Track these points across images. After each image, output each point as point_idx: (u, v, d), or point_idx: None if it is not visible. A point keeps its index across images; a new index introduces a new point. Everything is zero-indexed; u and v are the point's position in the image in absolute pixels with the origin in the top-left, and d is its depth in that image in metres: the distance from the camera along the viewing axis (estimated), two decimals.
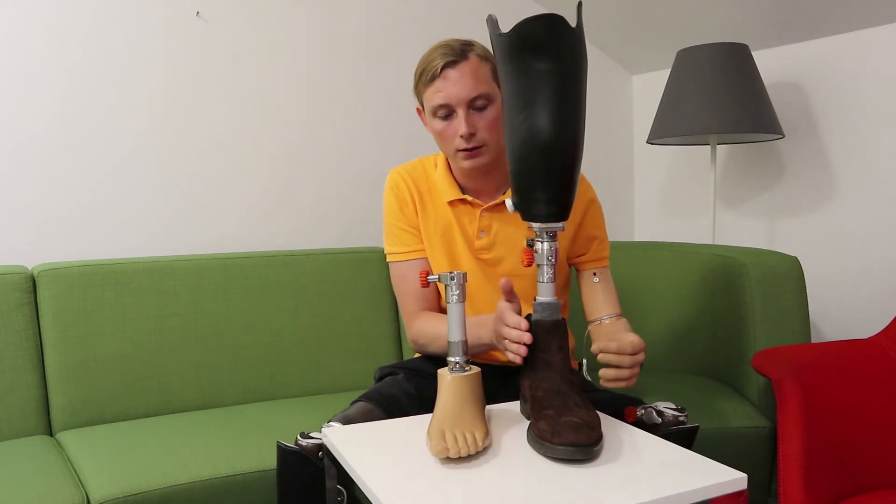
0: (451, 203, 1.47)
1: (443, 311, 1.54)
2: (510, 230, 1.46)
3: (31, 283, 1.77)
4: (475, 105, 1.36)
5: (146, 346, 1.83)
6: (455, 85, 1.34)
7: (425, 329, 1.46)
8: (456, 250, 1.48)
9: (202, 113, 2.14)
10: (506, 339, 1.18)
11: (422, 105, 1.43)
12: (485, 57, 1.39)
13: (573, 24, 1.41)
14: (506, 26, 1.38)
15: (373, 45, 2.36)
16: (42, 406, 1.75)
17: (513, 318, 1.17)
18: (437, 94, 1.36)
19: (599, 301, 1.46)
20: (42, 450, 1.57)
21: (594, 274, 1.47)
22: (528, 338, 1.15)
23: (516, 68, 1.09)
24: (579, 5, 1.11)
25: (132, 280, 1.84)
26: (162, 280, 1.87)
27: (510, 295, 1.21)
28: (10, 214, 1.92)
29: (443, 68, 1.35)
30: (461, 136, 1.36)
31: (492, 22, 1.14)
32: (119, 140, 2.04)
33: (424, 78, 1.38)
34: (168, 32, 2.08)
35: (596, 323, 1.43)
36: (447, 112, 1.37)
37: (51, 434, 1.77)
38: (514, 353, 1.17)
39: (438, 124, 1.39)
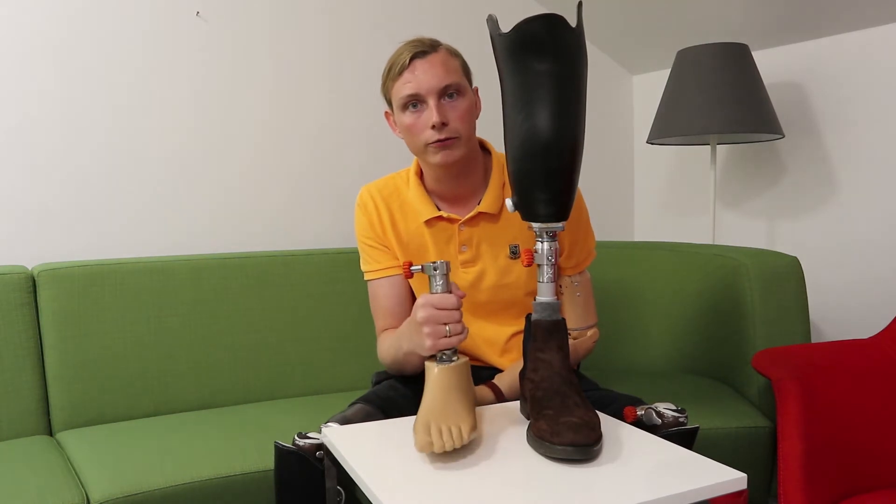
0: (427, 223, 1.42)
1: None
2: (488, 244, 1.42)
3: (31, 283, 1.77)
4: (446, 95, 1.31)
5: (146, 346, 1.83)
6: (425, 74, 1.30)
7: (382, 349, 1.42)
8: None
9: (204, 113, 2.14)
10: (442, 323, 1.15)
11: (390, 105, 1.38)
12: (454, 53, 1.36)
13: (573, 23, 1.41)
14: (506, 26, 1.38)
15: (371, 43, 2.36)
16: (42, 406, 1.75)
17: (439, 298, 1.15)
18: (406, 84, 1.31)
19: (579, 313, 1.41)
20: (42, 450, 1.57)
21: (574, 282, 1.42)
22: (457, 315, 1.14)
23: (516, 68, 1.09)
24: (579, 5, 1.11)
25: (132, 280, 1.84)
26: (162, 280, 1.87)
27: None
28: (10, 214, 1.92)
29: (411, 60, 1.31)
30: (432, 127, 1.30)
31: (492, 21, 1.14)
32: (119, 140, 2.04)
33: (393, 72, 1.33)
34: (169, 32, 2.08)
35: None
36: (417, 103, 1.32)
37: (51, 434, 1.77)
38: (448, 337, 1.15)
39: (408, 118, 1.33)
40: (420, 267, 1.18)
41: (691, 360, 2.02)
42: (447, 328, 1.15)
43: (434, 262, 1.16)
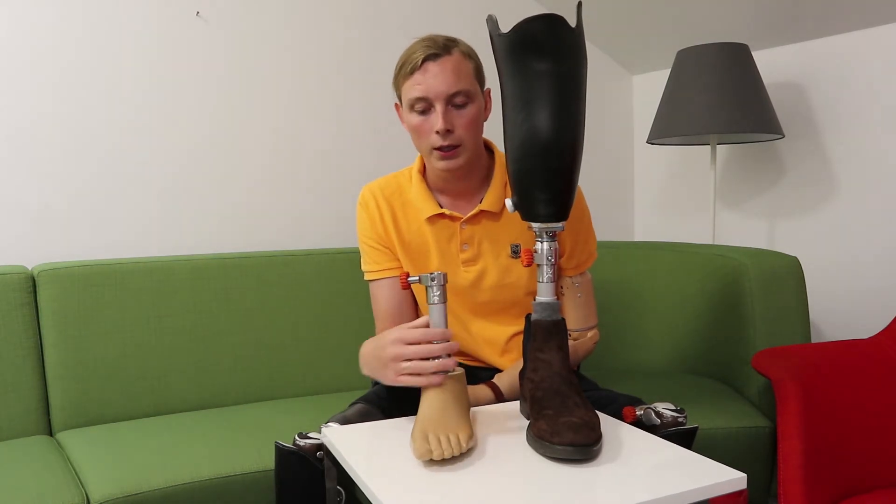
0: (429, 220, 1.42)
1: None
2: (489, 243, 1.42)
3: (31, 283, 1.77)
4: (454, 102, 1.30)
5: (146, 345, 1.83)
6: (435, 78, 1.29)
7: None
8: (433, 267, 1.43)
9: (203, 112, 2.14)
10: (407, 360, 1.14)
11: (400, 99, 1.38)
12: (469, 55, 1.34)
13: (573, 24, 1.40)
14: (506, 26, 1.37)
15: (373, 43, 2.36)
16: (42, 406, 1.75)
17: (414, 333, 1.13)
18: (416, 86, 1.30)
19: (580, 314, 1.42)
20: (42, 450, 1.57)
21: (575, 283, 1.42)
22: (449, 347, 1.13)
23: (516, 68, 1.09)
24: (579, 5, 1.11)
25: (132, 280, 1.84)
26: (162, 280, 1.87)
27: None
28: (10, 214, 1.92)
29: (423, 61, 1.30)
30: (437, 133, 1.30)
31: (492, 22, 1.14)
32: (119, 140, 2.04)
33: (404, 70, 1.32)
34: (169, 32, 2.08)
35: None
36: (425, 106, 1.31)
37: (51, 434, 1.77)
38: (428, 376, 1.13)
39: (415, 119, 1.33)
40: (417, 278, 1.18)
41: (691, 360, 2.03)
42: (407, 365, 1.14)
43: (431, 273, 1.16)
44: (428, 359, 1.14)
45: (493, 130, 1.87)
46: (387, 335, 1.18)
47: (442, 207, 1.41)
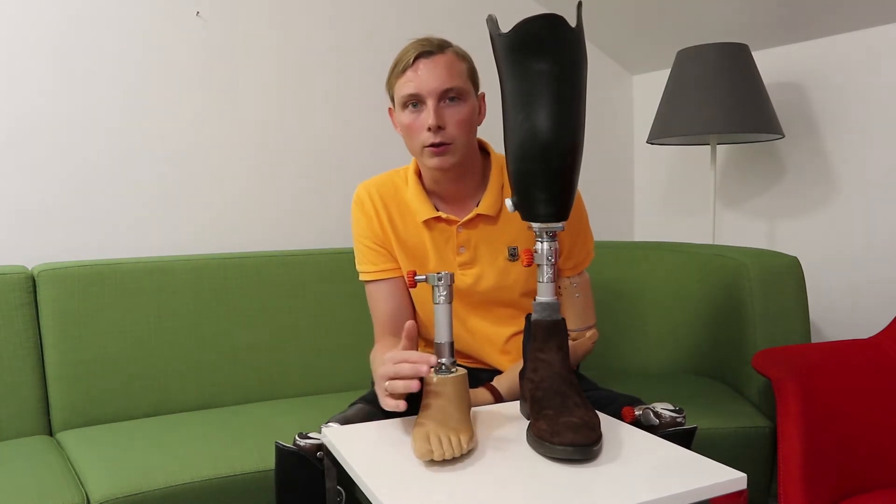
0: (425, 223, 1.41)
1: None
2: (486, 246, 1.41)
3: (31, 283, 1.77)
4: (446, 98, 1.30)
5: (146, 346, 1.83)
6: (428, 74, 1.29)
7: (373, 365, 1.39)
8: (431, 269, 1.43)
9: (203, 113, 2.14)
10: (389, 378, 1.11)
11: (393, 101, 1.37)
12: (462, 56, 1.35)
13: (573, 23, 1.40)
14: (506, 26, 1.37)
15: (372, 43, 2.36)
16: (42, 406, 1.75)
17: (407, 353, 1.10)
18: (408, 83, 1.30)
19: (578, 314, 1.41)
20: (42, 450, 1.57)
21: (573, 284, 1.42)
22: (424, 370, 1.07)
23: (516, 68, 1.09)
24: (579, 5, 1.11)
25: (132, 280, 1.84)
26: (162, 280, 1.87)
27: (410, 341, 1.15)
28: (9, 214, 1.92)
29: (416, 59, 1.30)
30: (429, 129, 1.29)
31: (492, 22, 1.14)
32: (119, 140, 2.04)
33: (397, 69, 1.33)
34: (169, 32, 2.08)
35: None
36: (417, 103, 1.31)
37: (51, 434, 1.77)
38: (396, 396, 1.10)
39: (407, 117, 1.32)
40: (424, 277, 1.18)
41: (691, 360, 2.03)
42: (388, 384, 1.12)
43: (439, 273, 1.16)
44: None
45: (493, 131, 1.87)
46: (386, 356, 1.16)
47: (438, 210, 1.40)
